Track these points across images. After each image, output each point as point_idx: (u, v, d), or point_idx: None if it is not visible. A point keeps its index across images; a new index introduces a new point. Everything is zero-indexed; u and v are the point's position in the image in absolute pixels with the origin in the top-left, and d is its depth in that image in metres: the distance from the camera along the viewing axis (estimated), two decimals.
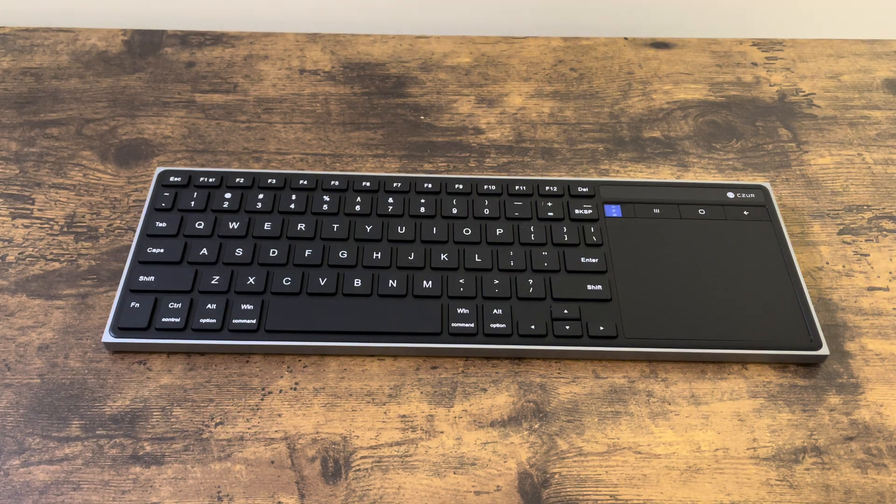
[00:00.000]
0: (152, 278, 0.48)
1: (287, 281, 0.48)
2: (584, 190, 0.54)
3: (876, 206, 0.56)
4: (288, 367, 0.46)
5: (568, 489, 0.42)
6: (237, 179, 0.53)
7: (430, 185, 0.54)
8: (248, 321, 0.46)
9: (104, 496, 0.41)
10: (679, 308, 0.48)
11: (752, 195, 0.54)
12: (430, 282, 0.48)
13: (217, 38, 0.63)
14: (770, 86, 0.63)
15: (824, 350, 0.47)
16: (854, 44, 0.65)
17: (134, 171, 0.56)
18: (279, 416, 0.44)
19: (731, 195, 0.54)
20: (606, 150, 0.60)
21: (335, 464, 0.43)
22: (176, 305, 0.47)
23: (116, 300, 0.47)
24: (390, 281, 0.48)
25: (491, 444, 0.44)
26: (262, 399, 0.45)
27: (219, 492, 0.41)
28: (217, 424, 0.44)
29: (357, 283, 0.48)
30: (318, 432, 0.44)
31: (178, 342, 0.46)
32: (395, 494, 0.42)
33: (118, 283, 0.49)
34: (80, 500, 0.41)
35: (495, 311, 0.47)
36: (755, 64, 0.64)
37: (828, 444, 0.44)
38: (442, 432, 0.44)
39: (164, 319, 0.46)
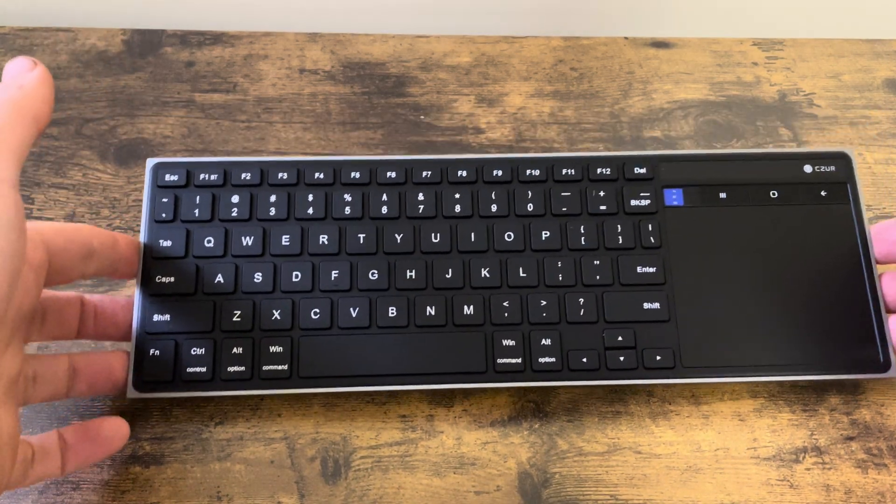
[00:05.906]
0: (167, 317, 0.44)
1: (316, 314, 0.44)
2: (642, 171, 0.48)
3: (876, 206, 0.56)
4: None
5: (568, 489, 0.42)
6: (243, 175, 0.48)
7: (464, 174, 0.48)
8: (280, 367, 0.43)
9: (104, 496, 0.41)
10: (744, 327, 0.44)
11: (833, 167, 0.48)
12: (472, 307, 0.44)
13: (217, 38, 0.63)
14: (770, 85, 0.63)
15: (892, 372, 0.43)
16: (854, 44, 0.65)
17: (133, 170, 0.56)
18: (279, 415, 0.44)
19: (808, 169, 0.48)
20: (606, 150, 0.59)
21: (335, 464, 0.43)
22: (199, 351, 0.43)
23: (133, 346, 0.43)
24: (428, 308, 0.44)
25: (491, 444, 0.44)
26: (261, 399, 0.45)
27: (218, 492, 0.41)
28: (217, 424, 0.44)
29: (392, 311, 0.44)
30: (317, 432, 0.44)
31: (207, 394, 0.43)
32: (395, 494, 0.42)
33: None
34: (80, 500, 0.41)
35: (543, 341, 0.44)
36: (755, 64, 0.64)
37: (828, 443, 0.44)
38: (442, 432, 0.44)
39: (188, 370, 0.42)
